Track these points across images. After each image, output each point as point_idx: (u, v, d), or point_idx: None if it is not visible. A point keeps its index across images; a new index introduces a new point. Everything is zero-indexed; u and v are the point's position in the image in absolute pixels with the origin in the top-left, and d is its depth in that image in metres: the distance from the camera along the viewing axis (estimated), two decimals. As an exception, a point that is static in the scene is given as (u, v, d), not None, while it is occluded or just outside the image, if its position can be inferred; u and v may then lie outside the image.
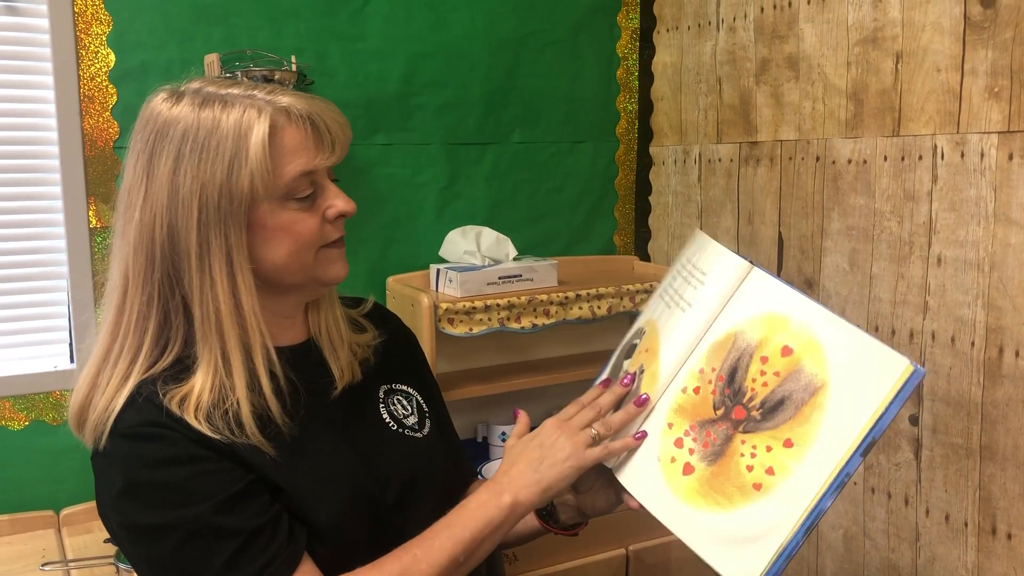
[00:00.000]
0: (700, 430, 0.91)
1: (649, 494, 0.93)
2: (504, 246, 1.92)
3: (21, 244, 1.67)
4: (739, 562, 0.85)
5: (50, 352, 1.72)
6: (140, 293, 0.91)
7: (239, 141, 0.89)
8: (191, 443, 0.87)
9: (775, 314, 0.89)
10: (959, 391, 1.48)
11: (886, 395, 0.80)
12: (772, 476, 0.85)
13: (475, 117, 2.03)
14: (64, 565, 1.50)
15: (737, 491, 0.87)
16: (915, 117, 1.52)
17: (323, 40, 1.85)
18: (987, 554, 1.47)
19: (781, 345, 0.88)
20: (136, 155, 0.93)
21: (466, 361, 1.99)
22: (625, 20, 2.18)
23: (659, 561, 1.80)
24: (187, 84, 0.96)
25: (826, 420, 0.83)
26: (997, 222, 1.40)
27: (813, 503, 0.82)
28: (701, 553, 0.88)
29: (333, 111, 0.97)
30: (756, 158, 1.87)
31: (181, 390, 0.90)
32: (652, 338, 0.99)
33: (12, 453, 1.66)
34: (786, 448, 0.85)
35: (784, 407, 0.86)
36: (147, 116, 0.93)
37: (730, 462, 0.88)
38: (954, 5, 1.44)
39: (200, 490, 0.86)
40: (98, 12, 1.65)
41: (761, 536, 0.84)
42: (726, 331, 0.92)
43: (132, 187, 0.92)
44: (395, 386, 1.10)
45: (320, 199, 0.96)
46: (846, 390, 0.83)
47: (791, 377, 0.86)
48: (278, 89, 0.95)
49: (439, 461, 1.09)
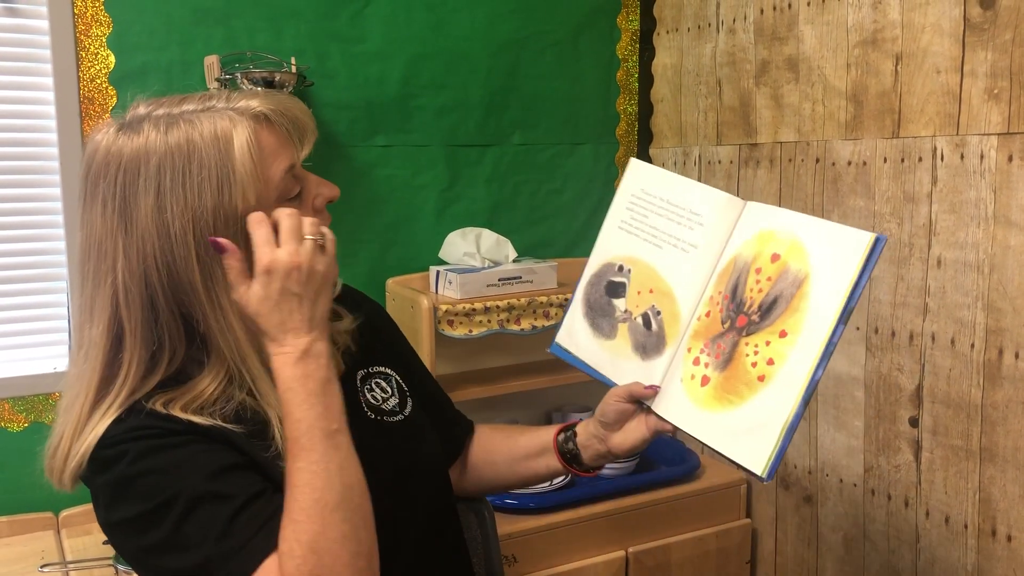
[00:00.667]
0: (712, 345, 1.00)
1: (678, 413, 1.01)
2: (504, 248, 1.92)
3: (21, 246, 1.67)
4: (752, 448, 0.94)
5: (49, 354, 1.72)
6: (141, 343, 0.86)
7: (222, 159, 0.85)
8: (177, 433, 0.84)
9: (763, 231, 1.00)
10: (959, 393, 1.48)
11: (857, 266, 0.90)
12: (772, 366, 0.94)
13: (475, 119, 2.03)
14: (63, 567, 1.50)
15: (745, 387, 0.96)
16: (915, 119, 1.52)
17: (323, 42, 1.85)
18: (987, 556, 1.46)
19: (770, 254, 0.99)
20: (102, 203, 0.86)
21: (466, 363, 1.99)
22: (625, 22, 2.18)
23: (658, 563, 1.80)
24: (131, 112, 0.89)
25: (811, 303, 0.93)
26: (997, 224, 1.40)
27: (809, 376, 0.91)
28: (723, 450, 0.96)
29: (294, 101, 0.94)
30: (756, 160, 1.87)
31: (168, 395, 0.87)
32: (653, 279, 1.07)
33: (11, 455, 1.66)
34: (781, 339, 0.94)
35: (777, 304, 0.96)
36: (104, 157, 0.87)
37: (738, 364, 0.97)
38: (954, 7, 1.44)
39: (191, 464, 0.83)
40: (98, 13, 1.65)
41: (768, 420, 0.93)
42: (729, 258, 1.02)
43: (103, 238, 0.86)
44: (372, 369, 1.08)
45: (305, 192, 0.94)
46: (824, 273, 0.93)
47: (780, 278, 0.97)
48: (232, 94, 0.91)
49: (423, 440, 1.08)
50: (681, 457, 1.92)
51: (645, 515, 1.79)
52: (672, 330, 1.05)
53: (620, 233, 1.12)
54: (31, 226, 1.68)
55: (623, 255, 1.11)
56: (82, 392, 0.87)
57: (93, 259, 0.87)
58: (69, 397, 0.89)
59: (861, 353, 1.65)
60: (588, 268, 1.15)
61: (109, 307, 0.86)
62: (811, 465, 1.79)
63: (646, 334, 1.07)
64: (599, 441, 1.09)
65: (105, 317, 0.87)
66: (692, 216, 1.05)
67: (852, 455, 1.69)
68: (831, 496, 1.75)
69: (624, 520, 1.77)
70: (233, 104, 0.89)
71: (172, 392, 0.87)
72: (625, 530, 1.77)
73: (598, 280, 1.12)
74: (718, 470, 1.93)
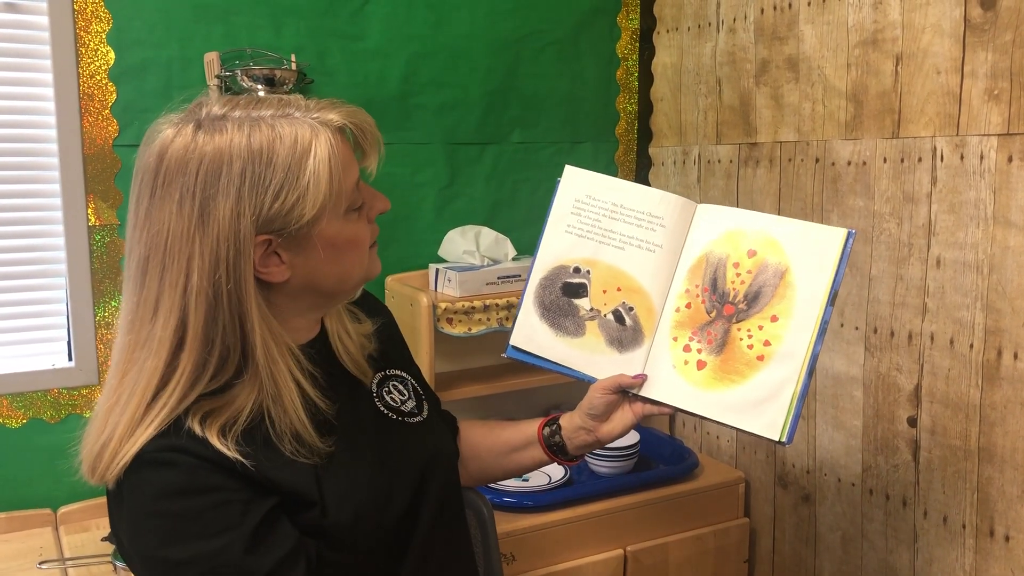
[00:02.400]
0: (701, 332, 1.10)
1: (676, 395, 1.10)
2: (503, 246, 1.92)
3: (20, 242, 1.67)
4: (765, 418, 1.04)
5: (48, 350, 1.72)
6: (202, 345, 0.86)
7: (301, 168, 0.86)
8: (206, 470, 0.84)
9: (731, 230, 1.12)
10: (957, 393, 1.48)
11: (835, 256, 1.05)
12: (769, 346, 1.06)
13: (475, 117, 2.03)
14: (61, 563, 1.50)
15: (745, 366, 1.07)
16: (915, 119, 1.52)
17: (323, 39, 1.84)
18: (985, 556, 1.47)
19: (746, 250, 1.10)
20: (179, 201, 0.85)
21: (464, 361, 1.99)
22: (625, 21, 2.18)
23: (656, 562, 1.81)
24: (206, 108, 0.89)
25: (798, 290, 1.06)
26: (996, 224, 1.40)
27: (810, 350, 1.04)
28: (731, 423, 1.06)
29: (366, 115, 0.95)
30: (755, 159, 1.87)
31: (210, 404, 0.87)
32: (619, 278, 1.15)
33: (10, 451, 1.65)
34: (773, 322, 1.06)
35: (763, 293, 1.08)
36: (183, 153, 0.85)
37: (733, 347, 1.08)
38: (954, 7, 1.44)
39: (217, 522, 0.83)
40: (98, 10, 1.65)
41: (776, 392, 1.04)
42: (696, 256, 1.13)
43: (177, 236, 0.85)
44: (388, 372, 1.10)
45: (364, 203, 0.96)
46: (805, 264, 1.06)
47: (760, 271, 1.09)
48: (309, 103, 0.91)
49: (441, 439, 1.12)
50: (679, 456, 1.92)
51: (643, 514, 1.79)
52: (648, 323, 1.14)
53: (569, 237, 1.19)
54: (30, 222, 1.68)
55: (577, 257, 1.18)
56: (140, 387, 0.86)
57: (162, 255, 0.86)
58: (126, 392, 0.86)
59: (860, 353, 1.65)
60: (536, 272, 1.20)
61: (180, 306, 0.86)
62: (809, 464, 1.79)
63: (620, 329, 1.15)
64: (586, 432, 1.14)
65: (175, 315, 0.86)
66: (653, 219, 1.15)
67: (850, 454, 1.70)
68: (829, 495, 1.76)
69: (622, 519, 1.78)
70: (312, 115, 0.89)
71: (213, 401, 0.87)
72: (623, 529, 1.77)
73: (550, 283, 1.19)
74: (716, 469, 1.94)
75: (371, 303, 1.18)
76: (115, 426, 0.85)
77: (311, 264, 0.91)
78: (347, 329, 1.05)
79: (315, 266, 0.91)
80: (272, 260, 0.89)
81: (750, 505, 1.95)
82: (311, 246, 0.90)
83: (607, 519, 1.76)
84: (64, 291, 1.70)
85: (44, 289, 1.70)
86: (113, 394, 0.88)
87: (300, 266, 0.91)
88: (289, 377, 0.90)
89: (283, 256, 0.89)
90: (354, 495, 0.93)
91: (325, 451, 0.91)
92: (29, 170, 1.66)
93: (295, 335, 0.96)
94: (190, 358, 0.86)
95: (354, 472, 0.94)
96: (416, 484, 1.01)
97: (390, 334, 1.17)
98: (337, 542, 0.91)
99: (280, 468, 0.88)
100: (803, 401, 1.03)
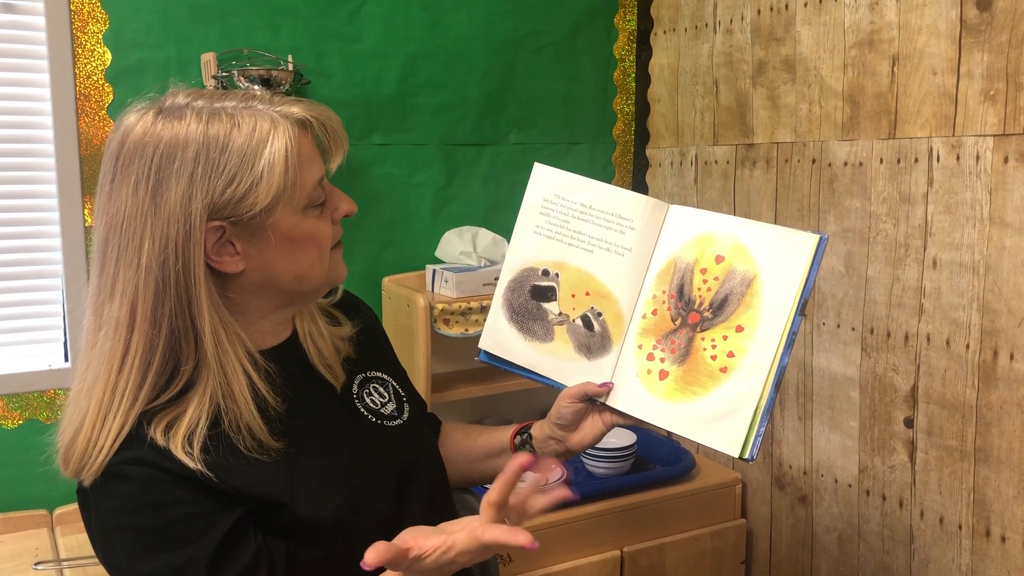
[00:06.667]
0: (665, 341, 1.05)
1: (637, 406, 1.05)
2: (500, 247, 1.92)
3: (16, 243, 1.67)
4: (725, 433, 0.99)
5: (44, 351, 1.72)
6: (150, 326, 0.86)
7: (256, 157, 0.86)
8: (168, 483, 0.84)
9: (701, 234, 1.06)
10: (954, 394, 1.48)
11: (806, 263, 0.99)
12: (733, 358, 1.00)
13: (472, 118, 2.03)
14: (57, 564, 1.49)
15: (708, 378, 1.01)
16: (911, 120, 1.52)
17: (320, 40, 1.84)
18: (981, 556, 1.47)
19: (714, 255, 1.04)
20: (134, 183, 0.86)
21: (461, 362, 1.99)
22: (622, 22, 2.18)
23: (653, 563, 1.81)
24: (171, 98, 0.90)
25: (765, 300, 1.00)
26: (992, 225, 1.41)
27: (776, 363, 0.98)
28: (692, 436, 1.01)
29: (331, 112, 0.96)
30: (752, 160, 1.87)
31: (171, 413, 0.87)
32: (587, 282, 1.11)
33: (5, 452, 1.65)
34: (738, 333, 1.01)
35: (729, 302, 1.02)
36: (141, 138, 0.87)
37: (696, 357, 1.03)
38: (950, 8, 1.44)
39: (180, 536, 0.84)
40: (95, 10, 1.65)
41: (737, 406, 0.99)
42: (665, 260, 1.07)
43: (131, 217, 0.86)
44: (369, 374, 1.09)
45: (327, 202, 0.95)
46: (774, 272, 1.00)
47: (728, 277, 1.03)
48: (274, 98, 0.92)
49: (424, 443, 1.10)
50: (676, 457, 1.92)
51: (640, 515, 1.79)
52: (616, 330, 1.09)
53: (537, 238, 1.14)
54: (26, 223, 1.67)
55: (546, 259, 1.13)
56: (103, 370, 0.87)
57: (118, 236, 0.87)
58: (91, 376, 0.87)
59: (856, 354, 1.65)
60: (505, 273, 1.16)
61: (132, 287, 0.86)
62: (806, 465, 1.80)
63: (588, 335, 1.10)
64: (556, 442, 1.10)
65: (129, 297, 0.86)
66: (622, 221, 1.10)
67: (847, 455, 1.70)
68: (826, 496, 1.76)
69: (619, 520, 1.78)
70: (275, 107, 0.90)
71: (174, 409, 0.87)
72: (620, 530, 1.77)
73: (519, 285, 1.14)
74: (713, 470, 1.94)
75: (352, 304, 1.16)
76: (84, 411, 0.87)
77: (266, 257, 0.90)
78: (320, 331, 1.04)
79: (270, 259, 0.91)
80: (226, 249, 0.89)
81: (747, 506, 1.95)
82: (265, 238, 0.89)
83: (604, 520, 1.76)
84: (60, 292, 1.70)
85: (40, 290, 1.70)
86: (81, 379, 0.89)
87: (255, 257, 0.90)
88: (239, 368, 0.89)
89: (237, 246, 0.89)
90: (331, 496, 0.92)
91: (276, 447, 0.90)
92: (25, 171, 1.66)
93: (262, 338, 0.96)
94: (140, 339, 0.86)
95: (329, 473, 0.94)
96: (395, 486, 1.00)
97: (372, 335, 1.15)
98: (315, 540, 0.91)
99: (245, 473, 0.88)
100: (768, 415, 0.98)
